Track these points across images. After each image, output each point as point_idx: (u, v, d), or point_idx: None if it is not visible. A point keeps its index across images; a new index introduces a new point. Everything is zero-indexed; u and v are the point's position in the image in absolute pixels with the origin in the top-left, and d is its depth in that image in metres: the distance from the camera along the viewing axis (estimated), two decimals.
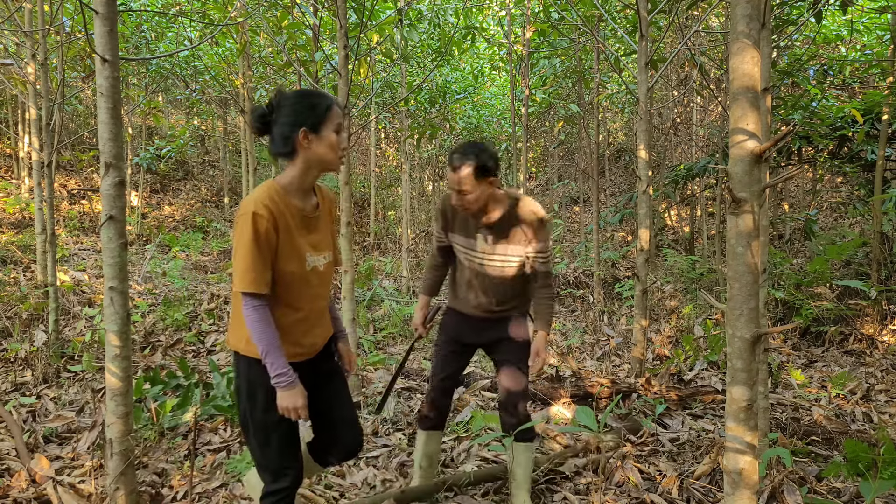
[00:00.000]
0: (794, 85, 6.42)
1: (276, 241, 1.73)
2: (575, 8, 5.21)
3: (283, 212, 1.75)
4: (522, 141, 6.53)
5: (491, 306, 2.39)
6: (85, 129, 10.55)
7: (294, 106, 1.74)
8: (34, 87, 5.07)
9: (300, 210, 1.81)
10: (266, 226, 1.69)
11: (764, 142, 1.46)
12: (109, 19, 2.10)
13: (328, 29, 6.25)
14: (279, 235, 1.74)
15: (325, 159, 1.76)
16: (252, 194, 1.75)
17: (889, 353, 4.66)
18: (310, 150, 1.75)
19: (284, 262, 1.76)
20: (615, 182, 13.45)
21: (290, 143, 1.74)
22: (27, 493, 2.55)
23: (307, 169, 1.78)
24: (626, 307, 6.57)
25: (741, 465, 1.44)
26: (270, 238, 1.71)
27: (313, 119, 1.73)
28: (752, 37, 1.37)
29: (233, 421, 3.32)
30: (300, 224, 1.81)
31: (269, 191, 1.74)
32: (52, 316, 4.46)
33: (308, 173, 1.79)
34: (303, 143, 1.73)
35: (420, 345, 5.46)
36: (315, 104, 1.74)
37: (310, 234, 1.85)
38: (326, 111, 1.74)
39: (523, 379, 2.40)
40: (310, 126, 1.72)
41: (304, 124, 1.72)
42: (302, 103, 1.74)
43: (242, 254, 1.69)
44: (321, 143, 1.74)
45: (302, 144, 1.73)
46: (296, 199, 1.81)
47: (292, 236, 1.77)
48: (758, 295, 1.43)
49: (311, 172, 1.79)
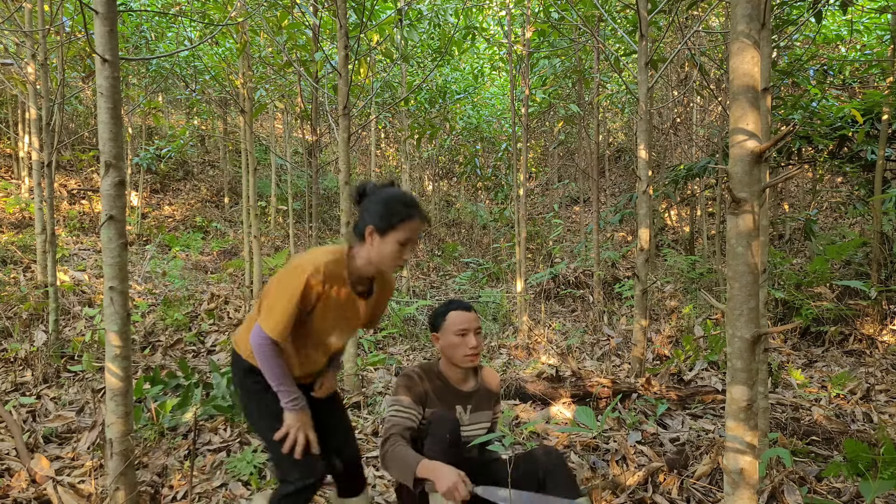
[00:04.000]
0: (794, 85, 6.42)
1: (312, 307, 1.83)
2: (575, 8, 5.21)
3: (333, 286, 1.83)
4: (522, 141, 6.53)
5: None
6: (85, 129, 10.55)
7: (375, 202, 1.82)
8: (34, 87, 5.07)
9: (350, 291, 1.89)
10: (313, 294, 1.78)
11: (764, 142, 1.46)
12: (109, 19, 2.10)
13: (328, 29, 6.25)
14: (317, 304, 1.83)
15: (381, 260, 1.82)
16: (319, 254, 1.81)
17: (889, 353, 4.66)
18: (372, 247, 1.82)
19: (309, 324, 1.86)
20: (615, 182, 13.45)
21: (361, 232, 1.84)
22: (27, 493, 2.55)
23: (368, 260, 1.85)
24: (626, 307, 6.57)
25: (741, 465, 1.44)
26: (309, 303, 1.81)
27: (383, 223, 1.79)
28: (752, 37, 1.37)
29: (233, 421, 3.32)
30: (344, 303, 1.88)
31: (335, 263, 1.82)
32: (52, 316, 4.46)
33: (369, 263, 1.86)
34: (368, 238, 1.82)
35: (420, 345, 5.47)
36: (392, 212, 1.79)
37: (347, 315, 1.92)
38: (400, 222, 1.79)
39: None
40: (377, 227, 1.79)
41: (374, 223, 1.80)
42: (381, 204, 1.81)
43: (282, 303, 1.76)
44: (383, 247, 1.80)
45: (367, 239, 1.82)
46: (352, 278, 1.89)
47: (328, 312, 1.86)
48: (758, 295, 1.43)
49: (371, 263, 1.86)
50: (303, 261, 1.77)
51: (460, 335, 2.08)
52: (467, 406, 2.16)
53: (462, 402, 2.15)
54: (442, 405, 2.11)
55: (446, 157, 13.47)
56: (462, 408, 2.15)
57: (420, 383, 2.09)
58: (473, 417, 2.18)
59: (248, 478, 2.75)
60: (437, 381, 2.14)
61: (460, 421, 2.13)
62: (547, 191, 13.92)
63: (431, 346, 5.35)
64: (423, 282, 8.78)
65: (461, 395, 2.15)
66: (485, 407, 2.20)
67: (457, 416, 2.06)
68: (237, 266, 7.69)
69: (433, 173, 13.46)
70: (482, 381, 2.23)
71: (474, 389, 2.18)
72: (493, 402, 2.25)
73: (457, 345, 2.09)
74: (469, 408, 2.17)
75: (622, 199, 7.35)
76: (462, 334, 2.08)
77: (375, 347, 5.32)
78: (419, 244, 10.80)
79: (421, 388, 2.09)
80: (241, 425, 3.27)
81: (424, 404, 2.08)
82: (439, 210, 12.80)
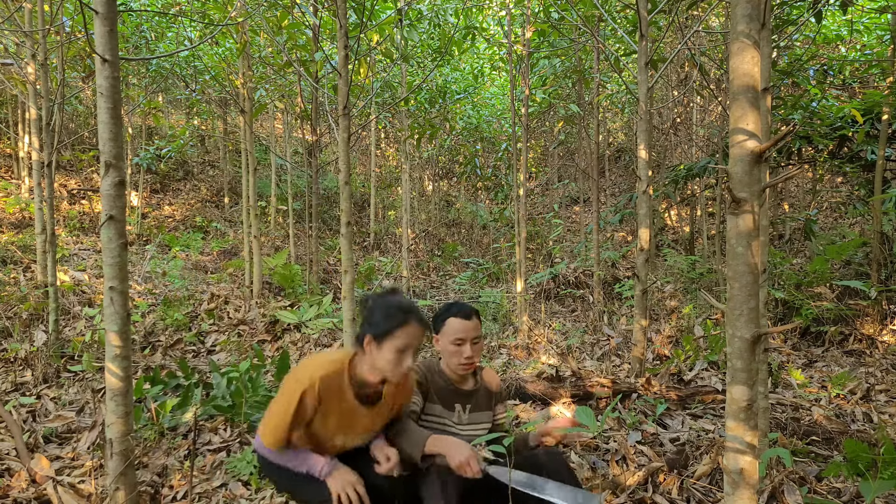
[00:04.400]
0: (794, 85, 6.42)
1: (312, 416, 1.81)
2: (575, 8, 5.21)
3: (332, 396, 1.81)
4: (522, 141, 6.53)
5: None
6: (85, 129, 10.55)
7: (371, 310, 1.83)
8: (34, 87, 5.07)
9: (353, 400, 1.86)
10: (309, 404, 1.78)
11: (764, 142, 1.46)
12: (109, 19, 2.10)
13: (328, 29, 6.25)
14: (315, 415, 1.82)
15: (382, 369, 1.79)
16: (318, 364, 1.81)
17: (889, 353, 4.66)
18: (371, 356, 1.81)
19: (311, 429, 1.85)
20: (615, 182, 13.45)
21: (361, 341, 1.83)
22: (27, 493, 2.55)
23: (370, 369, 1.83)
24: (626, 307, 6.57)
25: (741, 465, 1.44)
26: (305, 414, 1.80)
27: (380, 331, 1.78)
28: (752, 37, 1.37)
29: (233, 421, 3.32)
30: (346, 411, 1.86)
31: (334, 375, 1.81)
32: (52, 316, 4.46)
33: (373, 371, 1.83)
34: (367, 347, 1.81)
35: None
36: (388, 319, 1.78)
37: (350, 423, 1.88)
38: (396, 328, 1.77)
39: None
40: (374, 336, 1.78)
41: (371, 332, 1.79)
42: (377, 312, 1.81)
43: (278, 415, 1.78)
44: (381, 355, 1.78)
45: (367, 348, 1.81)
46: (356, 386, 1.87)
47: (327, 420, 1.84)
48: (758, 295, 1.43)
49: (373, 373, 1.83)
50: (302, 372, 1.78)
51: (456, 344, 2.06)
52: (466, 406, 2.16)
53: (462, 401, 2.15)
54: (442, 403, 2.12)
55: (446, 157, 13.48)
56: (462, 407, 2.15)
57: (423, 380, 2.11)
58: (473, 417, 2.18)
59: (248, 478, 2.75)
60: (438, 379, 2.14)
61: (459, 421, 2.14)
62: (547, 191, 13.92)
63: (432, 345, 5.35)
64: (423, 282, 8.78)
65: (461, 395, 2.15)
66: (484, 407, 2.20)
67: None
68: (237, 266, 7.69)
69: (433, 173, 13.47)
70: (482, 381, 2.23)
71: (474, 389, 2.19)
72: (494, 403, 2.25)
73: (452, 353, 2.07)
74: (468, 407, 2.17)
75: (622, 199, 7.35)
76: (458, 343, 2.06)
77: None
78: (419, 244, 10.80)
79: (424, 384, 2.11)
80: (241, 425, 3.28)
81: (426, 399, 2.10)
82: (439, 210, 12.81)
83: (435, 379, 2.14)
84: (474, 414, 2.18)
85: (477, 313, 2.13)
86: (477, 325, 2.10)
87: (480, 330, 2.12)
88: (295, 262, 8.07)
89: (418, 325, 1.80)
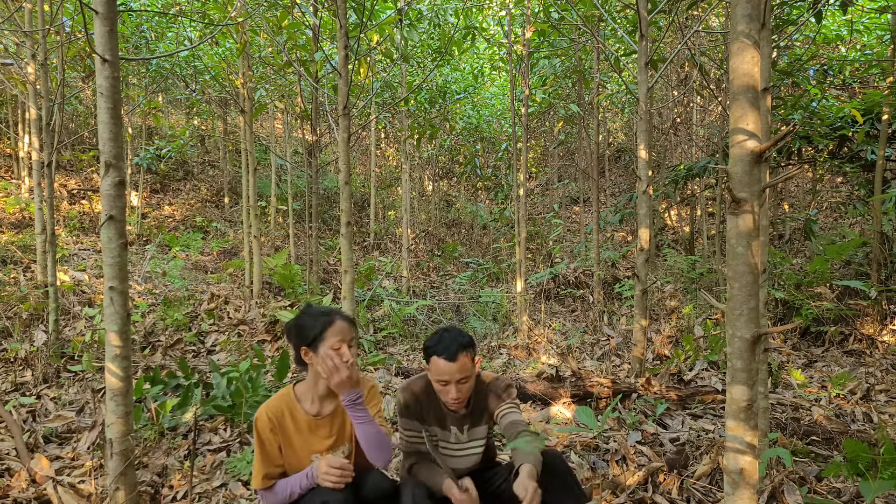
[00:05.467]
0: (794, 85, 6.42)
1: (279, 446, 1.92)
2: (575, 8, 5.21)
3: (285, 420, 1.93)
4: (522, 141, 6.53)
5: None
6: (85, 129, 10.55)
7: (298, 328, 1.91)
8: (34, 87, 5.07)
9: (308, 414, 1.95)
10: (269, 437, 1.90)
11: (764, 142, 1.46)
12: (109, 19, 2.10)
13: (328, 29, 6.25)
14: (280, 437, 1.93)
15: (330, 373, 1.85)
16: (265, 403, 1.96)
17: (889, 353, 4.66)
18: (313, 366, 1.91)
19: (287, 458, 1.94)
20: (615, 182, 13.45)
21: (299, 360, 1.93)
22: (27, 493, 2.55)
23: (317, 377, 1.93)
24: (626, 307, 6.57)
25: (741, 465, 1.44)
26: (271, 441, 1.91)
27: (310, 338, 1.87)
28: (752, 37, 1.37)
29: (233, 421, 3.32)
30: (307, 427, 1.95)
31: (280, 398, 1.95)
32: (52, 316, 4.46)
33: (319, 381, 1.94)
34: (308, 360, 1.91)
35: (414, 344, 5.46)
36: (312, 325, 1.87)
37: (314, 436, 1.96)
38: (323, 330, 1.86)
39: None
40: (308, 345, 1.88)
41: (303, 344, 1.89)
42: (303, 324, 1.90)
43: (255, 456, 1.92)
44: (322, 360, 1.85)
45: (308, 361, 1.91)
46: (308, 404, 1.96)
47: (290, 439, 1.94)
48: (758, 295, 1.43)
49: (321, 382, 1.93)
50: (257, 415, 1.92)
51: (441, 384, 1.98)
52: (464, 426, 2.15)
53: (458, 423, 2.14)
54: (438, 424, 2.13)
55: (446, 157, 13.47)
56: (458, 428, 2.14)
57: (418, 405, 2.12)
58: (472, 434, 2.16)
59: (247, 478, 2.75)
60: (433, 399, 2.12)
61: (457, 440, 2.14)
62: (547, 191, 13.92)
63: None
64: (423, 282, 8.78)
65: (456, 416, 2.13)
66: (480, 423, 2.17)
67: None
68: (237, 266, 7.69)
69: (433, 173, 13.47)
70: (475, 395, 2.16)
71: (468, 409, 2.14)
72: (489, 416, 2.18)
73: (439, 390, 2.02)
74: (465, 427, 2.15)
75: (622, 199, 7.35)
76: (443, 384, 1.97)
77: (375, 347, 5.32)
78: (419, 244, 10.80)
79: (419, 409, 2.12)
80: (241, 425, 3.28)
81: (423, 423, 2.13)
82: (439, 210, 12.81)
83: (430, 400, 2.12)
84: (472, 431, 2.16)
85: (467, 347, 1.97)
86: (464, 365, 1.94)
87: (470, 367, 1.97)
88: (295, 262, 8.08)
89: (343, 321, 1.90)
